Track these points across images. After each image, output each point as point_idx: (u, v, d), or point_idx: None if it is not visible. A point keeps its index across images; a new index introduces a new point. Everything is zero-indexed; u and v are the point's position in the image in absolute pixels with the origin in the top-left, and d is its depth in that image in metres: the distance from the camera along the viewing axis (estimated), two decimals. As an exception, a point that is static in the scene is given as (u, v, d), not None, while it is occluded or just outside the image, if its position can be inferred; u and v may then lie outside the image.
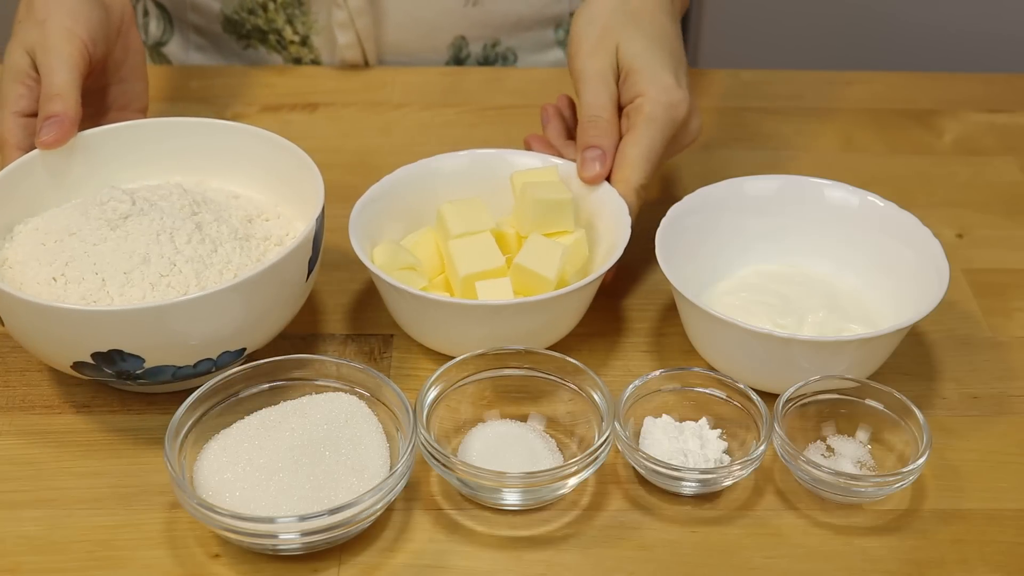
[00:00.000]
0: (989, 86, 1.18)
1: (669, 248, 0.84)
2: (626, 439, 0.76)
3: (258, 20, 1.18)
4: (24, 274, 0.80)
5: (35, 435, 0.81)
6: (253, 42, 1.20)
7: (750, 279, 0.89)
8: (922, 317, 0.79)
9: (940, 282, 0.82)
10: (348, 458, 0.74)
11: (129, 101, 0.97)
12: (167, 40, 1.24)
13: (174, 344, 0.76)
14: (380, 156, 1.07)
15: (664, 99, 0.89)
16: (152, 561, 0.73)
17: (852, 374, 0.79)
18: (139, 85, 0.98)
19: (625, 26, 0.92)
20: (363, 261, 0.82)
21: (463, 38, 1.19)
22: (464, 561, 0.73)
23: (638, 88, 0.90)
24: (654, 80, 0.90)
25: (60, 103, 0.86)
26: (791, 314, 0.85)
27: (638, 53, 0.91)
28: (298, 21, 1.17)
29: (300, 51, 1.19)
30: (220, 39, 1.22)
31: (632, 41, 0.92)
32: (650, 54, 0.91)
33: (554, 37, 1.23)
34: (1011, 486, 0.78)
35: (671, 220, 0.87)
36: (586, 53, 0.92)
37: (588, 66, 0.92)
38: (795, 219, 0.90)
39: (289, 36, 1.18)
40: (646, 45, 0.91)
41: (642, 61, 0.91)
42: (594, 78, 0.91)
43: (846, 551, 0.74)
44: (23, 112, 0.89)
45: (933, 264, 0.84)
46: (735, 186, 0.91)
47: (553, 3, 1.20)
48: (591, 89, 0.91)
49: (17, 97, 0.89)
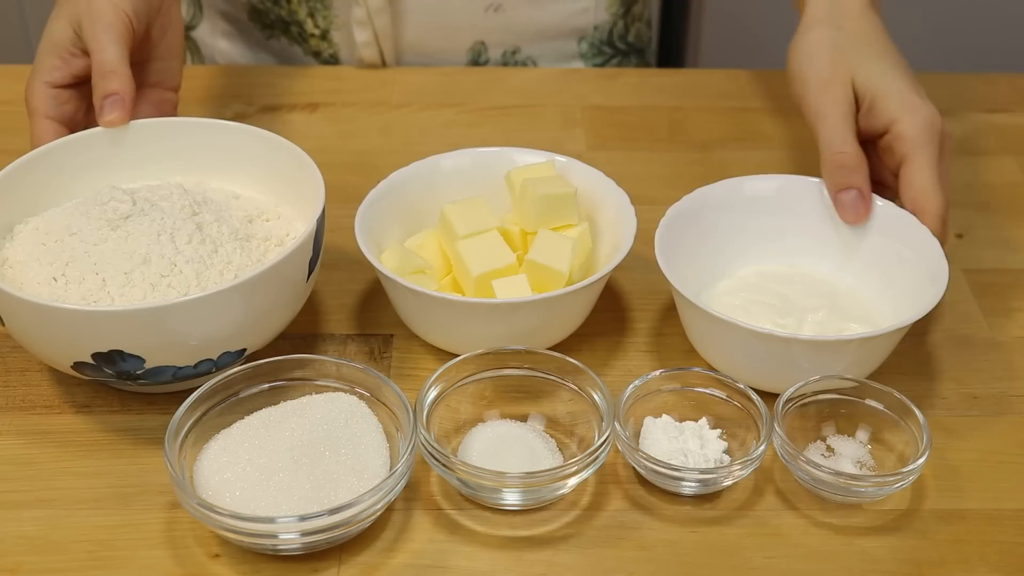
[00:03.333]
0: (989, 86, 1.18)
1: (668, 248, 0.84)
2: (626, 439, 0.76)
3: (281, 11, 1.18)
4: (24, 274, 0.80)
5: (35, 435, 0.81)
6: (276, 32, 1.20)
7: (750, 279, 0.89)
8: (921, 316, 0.79)
9: (939, 281, 0.82)
10: (348, 458, 0.74)
11: (163, 79, 0.97)
12: (196, 24, 1.24)
13: (174, 344, 0.76)
14: (380, 156, 1.07)
15: (920, 120, 0.86)
16: (152, 561, 0.73)
17: (852, 373, 0.79)
18: (175, 63, 0.98)
19: (854, 53, 0.90)
20: (375, 265, 0.82)
21: (483, 43, 1.19)
22: (464, 561, 0.73)
23: (890, 115, 0.86)
24: (904, 103, 0.86)
25: (117, 81, 0.88)
26: (791, 314, 0.85)
27: (878, 78, 0.88)
28: (319, 15, 1.17)
29: (320, 45, 1.19)
30: (246, 27, 1.22)
31: (866, 67, 0.89)
32: (889, 77, 0.88)
33: (576, 49, 1.23)
34: (1011, 486, 0.78)
35: (670, 220, 0.87)
36: (818, 89, 0.89)
37: (824, 102, 0.88)
38: (794, 219, 0.90)
39: (310, 29, 1.18)
40: (882, 68, 0.88)
41: (884, 86, 0.87)
42: (833, 114, 0.88)
43: (846, 551, 0.74)
44: (55, 83, 0.90)
45: (932, 263, 0.84)
46: (734, 186, 0.91)
47: (577, 15, 1.20)
48: (831, 125, 0.87)
49: (52, 68, 0.90)
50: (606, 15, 1.22)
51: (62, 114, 0.90)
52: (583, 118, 1.13)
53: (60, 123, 0.90)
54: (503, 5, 1.17)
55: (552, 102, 1.15)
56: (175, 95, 0.98)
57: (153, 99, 0.96)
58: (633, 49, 1.27)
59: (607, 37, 1.23)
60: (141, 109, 0.95)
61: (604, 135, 1.11)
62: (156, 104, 0.96)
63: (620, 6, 1.23)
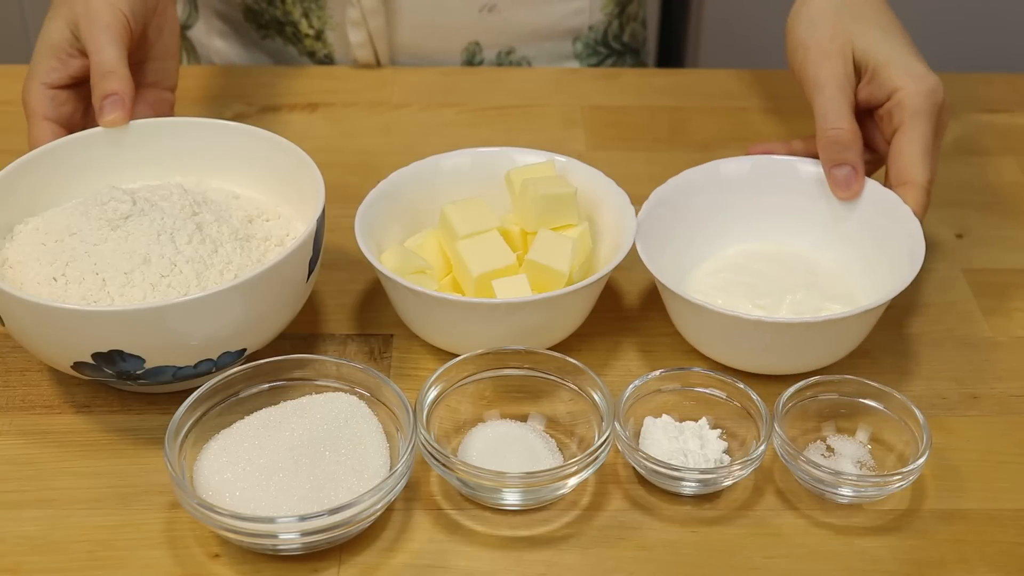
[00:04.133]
0: (989, 86, 1.18)
1: (649, 234, 0.85)
2: (626, 439, 0.76)
3: (276, 11, 1.18)
4: (24, 274, 0.80)
5: (35, 435, 0.81)
6: (271, 32, 1.20)
7: (733, 259, 0.90)
8: (888, 299, 0.79)
9: (915, 262, 0.82)
10: (348, 458, 0.74)
11: (159, 79, 0.98)
12: (192, 24, 1.24)
13: (174, 344, 0.76)
14: (380, 156, 1.07)
15: (924, 88, 0.85)
16: (152, 561, 0.73)
17: (828, 354, 0.80)
18: (171, 63, 0.98)
19: (855, 21, 0.88)
20: (375, 265, 0.82)
21: (477, 44, 1.19)
22: (464, 561, 0.73)
23: (893, 83, 0.86)
24: (908, 71, 0.86)
25: (117, 81, 0.88)
26: (770, 294, 0.86)
27: (879, 46, 0.87)
28: (314, 15, 1.17)
29: (315, 45, 1.19)
30: (241, 27, 1.22)
31: (867, 36, 0.88)
32: (891, 45, 0.87)
33: (572, 50, 1.23)
34: (1011, 486, 0.78)
35: (651, 206, 0.88)
36: (817, 58, 0.88)
37: (822, 72, 0.87)
38: (772, 197, 0.91)
39: (304, 29, 1.18)
40: (883, 36, 0.87)
41: (886, 54, 0.86)
42: (830, 85, 0.87)
43: (846, 551, 0.74)
44: (53, 84, 0.90)
45: (912, 243, 0.84)
46: (710, 169, 0.91)
47: (571, 16, 1.20)
48: (828, 98, 0.87)
49: (49, 69, 0.90)
50: (601, 15, 1.22)
51: (60, 115, 0.91)
52: (583, 118, 1.13)
53: (58, 124, 0.90)
54: (497, 6, 1.17)
55: (552, 102, 1.15)
56: (172, 95, 0.98)
57: (150, 99, 0.96)
58: (628, 49, 1.27)
59: (602, 37, 1.23)
60: (139, 109, 0.95)
61: (604, 135, 1.11)
62: (153, 104, 0.96)
63: (615, 6, 1.23)
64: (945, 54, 1.62)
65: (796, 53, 0.91)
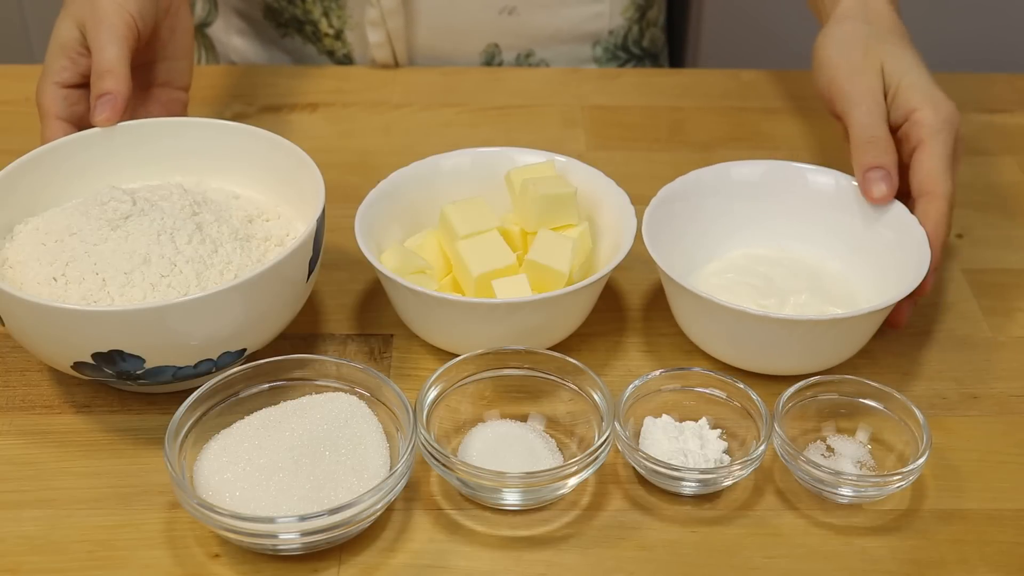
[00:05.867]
0: (989, 86, 1.18)
1: (656, 230, 0.85)
2: (626, 439, 0.76)
3: (296, 10, 1.18)
4: (24, 274, 0.80)
5: (35, 435, 0.81)
6: (290, 31, 1.21)
7: (738, 261, 0.91)
8: (890, 304, 0.80)
9: (921, 269, 0.82)
10: (348, 458, 0.74)
11: (172, 78, 0.98)
12: (211, 21, 1.25)
13: (174, 344, 0.76)
14: (380, 156, 1.07)
15: (943, 112, 0.88)
16: (152, 561, 0.73)
17: (831, 355, 0.81)
18: (184, 63, 0.98)
19: (884, 44, 0.92)
20: (375, 265, 0.82)
21: (496, 46, 1.19)
22: (464, 561, 0.73)
23: (912, 103, 0.88)
24: (928, 95, 0.88)
25: (112, 80, 0.88)
26: (774, 295, 0.86)
27: (906, 70, 0.90)
28: (333, 15, 1.18)
29: (334, 44, 1.20)
30: (260, 25, 1.22)
31: (896, 58, 0.91)
32: (916, 71, 0.90)
33: (591, 54, 1.23)
34: (1011, 486, 0.78)
35: (658, 203, 0.88)
36: (850, 74, 0.91)
37: (857, 86, 0.90)
38: (781, 203, 0.92)
39: (324, 28, 1.19)
40: (911, 62, 0.91)
41: (912, 77, 0.90)
42: (866, 97, 0.89)
43: (846, 551, 0.74)
44: (65, 83, 0.91)
45: (918, 251, 0.84)
46: (721, 171, 0.92)
47: (591, 20, 1.20)
48: (864, 108, 0.89)
49: (60, 69, 0.91)
50: (621, 20, 1.22)
51: (72, 114, 0.91)
52: (583, 118, 1.13)
53: (71, 123, 0.91)
54: (517, 8, 1.17)
55: (552, 102, 1.15)
56: (185, 94, 0.99)
57: (163, 99, 0.97)
58: (647, 54, 1.27)
59: (622, 42, 1.23)
60: (151, 109, 0.96)
61: (604, 135, 1.11)
62: (166, 104, 0.97)
63: (635, 11, 1.23)
64: (945, 54, 1.62)
65: (826, 70, 0.93)
